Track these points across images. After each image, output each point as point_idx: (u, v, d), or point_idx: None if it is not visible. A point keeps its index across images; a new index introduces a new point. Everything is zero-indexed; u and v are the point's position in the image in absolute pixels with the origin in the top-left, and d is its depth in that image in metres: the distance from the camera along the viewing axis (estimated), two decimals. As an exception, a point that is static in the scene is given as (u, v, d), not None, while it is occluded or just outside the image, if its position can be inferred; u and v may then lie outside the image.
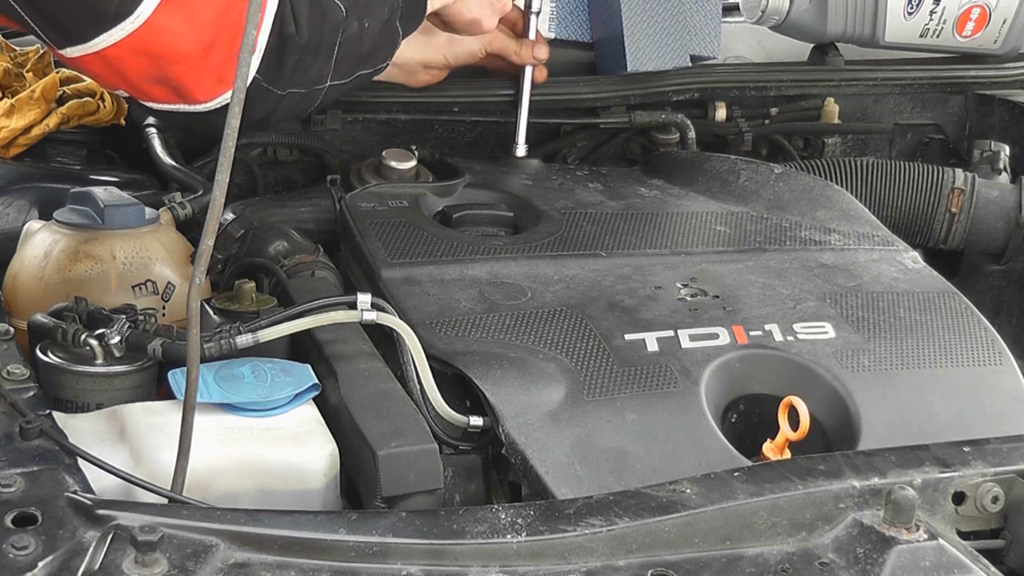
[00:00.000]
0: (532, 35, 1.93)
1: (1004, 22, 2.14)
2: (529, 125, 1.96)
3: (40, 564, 0.93)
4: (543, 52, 1.92)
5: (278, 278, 1.53)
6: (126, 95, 1.45)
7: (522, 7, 1.92)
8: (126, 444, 1.20)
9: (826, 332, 1.44)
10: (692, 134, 2.05)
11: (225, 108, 1.05)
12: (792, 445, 1.24)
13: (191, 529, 0.98)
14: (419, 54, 1.83)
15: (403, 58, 1.67)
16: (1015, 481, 1.14)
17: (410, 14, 1.60)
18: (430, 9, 1.66)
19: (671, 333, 1.40)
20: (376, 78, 1.63)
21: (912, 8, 2.09)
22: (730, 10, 2.23)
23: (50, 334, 1.33)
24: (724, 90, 2.11)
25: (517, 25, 1.93)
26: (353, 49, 1.50)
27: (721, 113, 2.12)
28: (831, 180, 1.88)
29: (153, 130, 1.86)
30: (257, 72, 1.40)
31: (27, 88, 1.85)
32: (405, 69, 1.84)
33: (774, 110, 2.16)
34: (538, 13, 1.93)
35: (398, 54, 1.61)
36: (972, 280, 1.97)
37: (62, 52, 1.35)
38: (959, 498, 1.13)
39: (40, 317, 1.35)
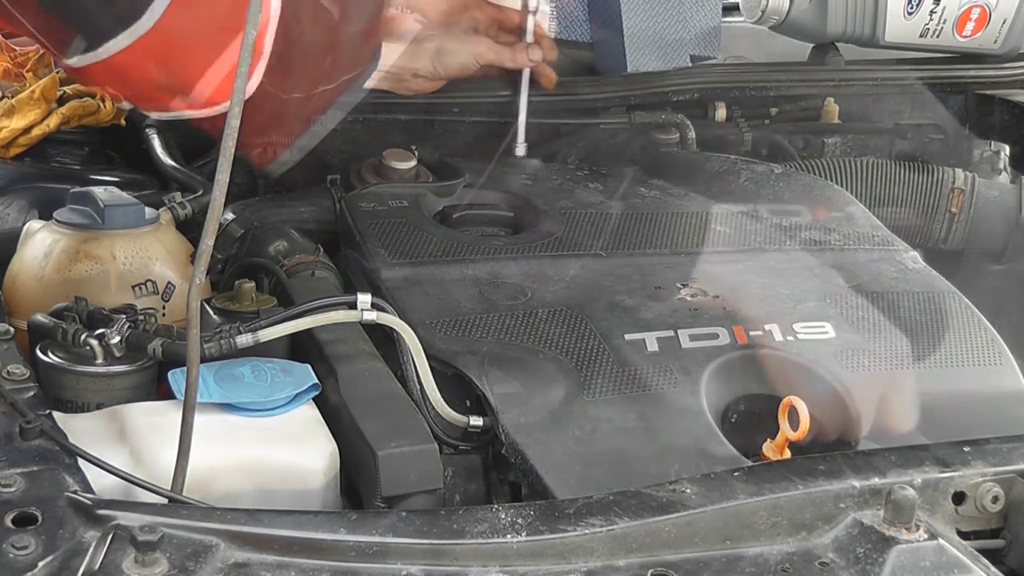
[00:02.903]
0: (529, 34, 1.92)
1: (1004, 22, 2.14)
2: (529, 125, 1.96)
3: (40, 564, 0.93)
4: (536, 53, 1.91)
5: (278, 278, 1.52)
6: (130, 106, 1.44)
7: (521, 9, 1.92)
8: (126, 444, 1.19)
9: (826, 332, 1.44)
10: (692, 134, 2.05)
11: None
12: (792, 445, 1.24)
13: (191, 529, 0.97)
14: (408, 62, 1.83)
15: (393, 65, 1.67)
16: (1015, 481, 1.14)
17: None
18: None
19: (671, 333, 1.40)
20: (369, 85, 1.63)
21: (912, 8, 2.09)
22: (730, 10, 2.23)
23: (50, 334, 1.33)
24: (724, 90, 2.11)
25: (510, 25, 1.92)
26: (348, 53, 1.50)
27: (721, 113, 2.12)
28: (831, 180, 1.87)
29: (153, 130, 1.85)
30: (263, 76, 1.40)
31: (27, 88, 1.85)
32: (395, 76, 1.84)
33: (774, 110, 2.16)
34: (535, 12, 1.92)
35: (389, 61, 1.61)
36: (972, 280, 1.97)
37: (68, 62, 1.35)
38: (959, 498, 1.13)
39: (40, 317, 1.35)
